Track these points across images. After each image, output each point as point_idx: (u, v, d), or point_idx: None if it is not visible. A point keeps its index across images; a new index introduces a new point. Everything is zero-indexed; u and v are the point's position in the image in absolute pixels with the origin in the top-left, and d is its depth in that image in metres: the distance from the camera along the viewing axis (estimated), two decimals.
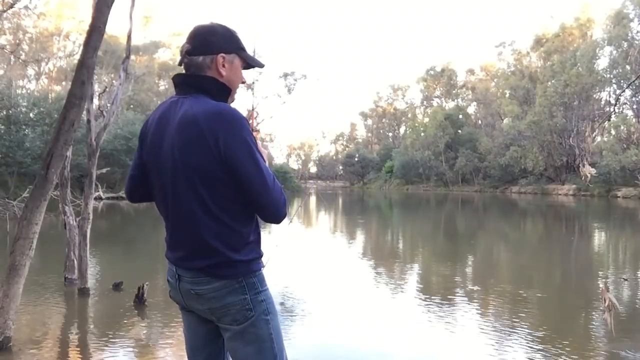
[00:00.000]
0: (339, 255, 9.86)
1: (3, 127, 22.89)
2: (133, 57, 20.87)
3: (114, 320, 4.81)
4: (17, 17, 24.31)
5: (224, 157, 1.45)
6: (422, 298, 6.11)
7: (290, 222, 13.17)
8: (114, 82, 8.20)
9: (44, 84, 42.42)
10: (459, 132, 59.34)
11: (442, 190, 54.35)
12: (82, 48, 4.12)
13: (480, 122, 64.31)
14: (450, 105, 68.60)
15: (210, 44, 1.57)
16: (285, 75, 45.03)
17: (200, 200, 1.49)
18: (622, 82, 41.34)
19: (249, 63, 1.66)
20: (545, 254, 10.65)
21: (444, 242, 13.11)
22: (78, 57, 4.26)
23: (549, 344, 4.28)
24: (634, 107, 40.92)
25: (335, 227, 17.54)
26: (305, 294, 6.11)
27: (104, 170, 10.17)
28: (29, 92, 32.24)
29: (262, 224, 1.61)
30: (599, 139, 44.03)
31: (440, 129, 57.36)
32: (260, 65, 1.69)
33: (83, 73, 3.98)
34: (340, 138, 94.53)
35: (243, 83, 1.68)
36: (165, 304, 5.14)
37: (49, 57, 41.94)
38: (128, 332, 4.52)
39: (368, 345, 4.27)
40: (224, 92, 1.59)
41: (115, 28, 33.72)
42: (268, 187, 1.50)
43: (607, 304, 2.50)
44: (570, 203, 31.95)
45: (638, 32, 41.42)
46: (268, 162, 1.65)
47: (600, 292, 2.57)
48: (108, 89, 8.92)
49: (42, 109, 24.53)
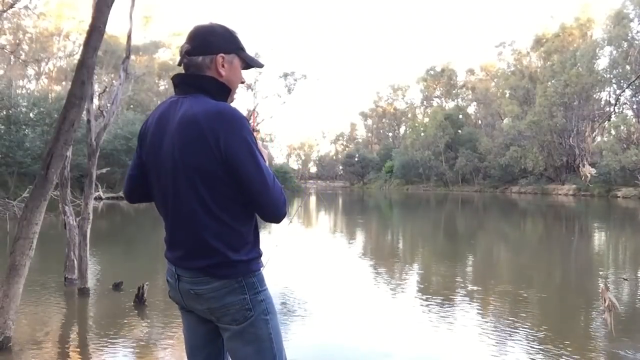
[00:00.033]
0: (339, 255, 9.85)
1: (3, 127, 22.89)
2: (133, 57, 20.87)
3: (114, 320, 4.81)
4: (17, 17, 24.32)
5: (225, 156, 1.45)
6: (422, 298, 6.11)
7: (290, 222, 13.16)
8: (114, 82, 8.20)
9: (44, 84, 42.43)
10: (459, 132, 59.35)
11: (442, 190, 54.35)
12: (82, 48, 4.12)
13: (480, 122, 64.32)
14: (450, 105, 68.61)
15: (210, 44, 1.57)
16: (285, 75, 45.08)
17: (201, 200, 1.49)
18: (622, 82, 41.33)
19: (249, 63, 1.66)
20: (545, 254, 10.65)
21: (444, 242, 13.11)
22: (78, 57, 4.26)
23: (549, 344, 4.28)
24: (634, 107, 40.91)
25: (335, 227, 17.54)
26: (305, 294, 6.11)
27: (104, 170, 10.18)
28: (29, 92, 32.28)
29: (262, 224, 1.61)
30: (599, 139, 44.07)
31: (440, 129, 57.38)
32: (260, 65, 1.69)
33: (83, 73, 3.99)
34: (340, 138, 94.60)
35: (242, 83, 1.68)
36: (165, 304, 5.14)
37: (49, 57, 41.96)
38: (128, 332, 4.52)
39: (368, 345, 4.27)
40: (224, 91, 1.59)
41: (115, 28, 33.81)
42: (268, 186, 1.50)
43: (607, 304, 2.50)
44: (570, 203, 31.95)
45: (638, 32, 41.47)
46: (268, 162, 1.65)
47: (600, 292, 2.57)
48: (108, 89, 8.92)
49: (42, 109, 24.53)
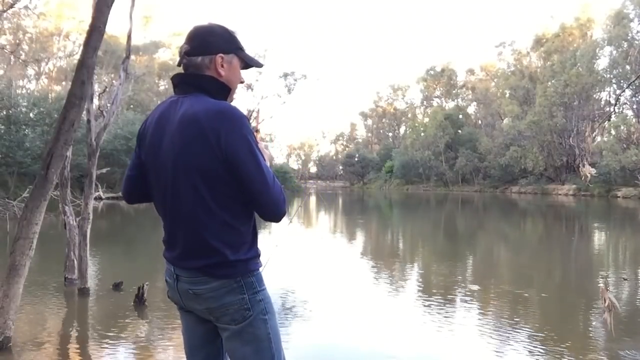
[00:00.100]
0: (339, 255, 9.85)
1: (3, 127, 22.87)
2: (133, 57, 20.86)
3: (114, 320, 4.81)
4: (17, 17, 24.31)
5: (225, 155, 1.45)
6: (422, 298, 6.11)
7: (290, 222, 13.16)
8: (114, 82, 8.20)
9: (44, 84, 42.43)
10: (459, 132, 59.36)
11: (442, 190, 54.35)
12: (82, 48, 4.12)
13: (480, 122, 64.32)
14: (450, 105, 68.61)
15: (209, 45, 1.57)
16: (285, 75, 45.04)
17: (201, 199, 1.49)
18: (622, 82, 41.34)
19: (248, 63, 1.66)
20: (545, 254, 10.65)
21: (444, 242, 13.11)
22: (78, 57, 4.26)
23: (549, 344, 4.28)
24: (634, 107, 40.90)
25: (335, 227, 17.53)
26: (305, 294, 6.11)
27: (104, 170, 10.16)
28: (29, 92, 32.26)
29: (262, 224, 1.61)
30: (599, 139, 44.08)
31: (440, 129, 57.38)
32: (259, 65, 1.69)
33: (83, 73, 3.99)
34: (340, 138, 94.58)
35: (242, 83, 1.68)
36: (165, 304, 5.14)
37: (49, 57, 41.96)
38: (128, 332, 4.51)
39: (368, 345, 4.27)
40: (224, 91, 1.59)
41: (115, 28, 33.77)
42: (268, 185, 1.50)
43: (607, 304, 2.50)
44: (570, 203, 31.95)
45: (638, 32, 41.48)
46: (269, 162, 1.65)
47: (600, 292, 2.57)
48: (108, 89, 8.93)
49: (42, 109, 24.52)
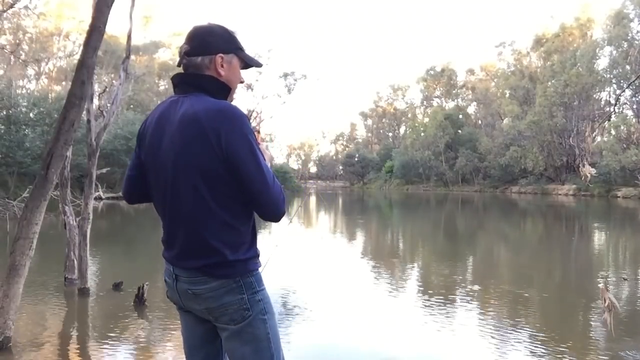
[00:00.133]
0: (339, 255, 9.85)
1: (3, 127, 22.87)
2: (133, 57, 20.86)
3: (114, 320, 4.81)
4: (17, 17, 24.31)
5: (226, 154, 1.45)
6: (422, 298, 6.11)
7: (290, 222, 13.16)
8: (114, 82, 8.21)
9: (44, 84, 42.42)
10: (459, 132, 59.35)
11: (442, 190, 54.35)
12: (82, 48, 4.13)
13: (480, 122, 64.31)
14: (450, 105, 68.61)
15: (209, 45, 1.57)
16: (285, 75, 45.04)
17: (202, 199, 1.48)
18: (622, 82, 41.33)
19: (247, 63, 1.66)
20: (545, 254, 10.65)
21: (444, 242, 13.11)
22: (78, 57, 4.26)
23: (549, 344, 4.28)
24: (634, 107, 40.90)
25: (335, 227, 17.53)
26: (305, 294, 6.11)
27: (104, 170, 10.16)
28: (29, 92, 32.26)
29: (262, 224, 1.62)
30: (599, 139, 44.08)
31: (440, 129, 57.37)
32: (259, 65, 1.69)
33: (83, 73, 3.99)
34: (340, 138, 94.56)
35: (242, 83, 1.68)
36: (165, 304, 5.13)
37: (49, 57, 41.96)
38: (128, 332, 4.51)
39: (368, 345, 4.27)
40: (224, 90, 1.59)
41: (115, 28, 33.75)
42: (268, 185, 1.50)
43: (607, 304, 2.50)
44: (570, 203, 31.95)
45: (638, 32, 41.48)
46: (269, 162, 1.65)
47: (600, 292, 2.57)
48: (108, 89, 8.93)
49: (42, 109, 24.52)
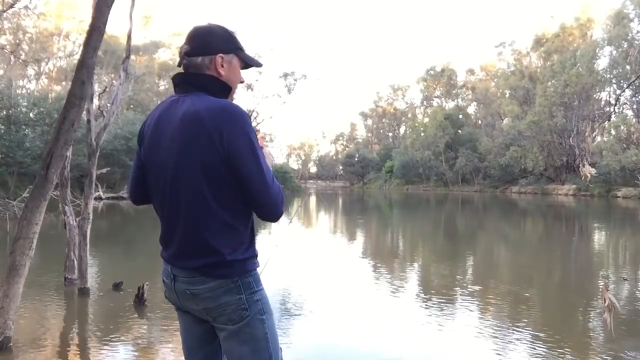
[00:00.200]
0: (339, 255, 9.85)
1: (3, 127, 22.88)
2: (133, 57, 20.87)
3: (114, 320, 4.81)
4: (17, 17, 24.30)
5: (227, 153, 1.45)
6: (422, 298, 6.11)
7: (290, 222, 13.16)
8: (114, 82, 8.21)
9: (44, 84, 42.43)
10: (459, 132, 59.35)
11: (442, 190, 54.35)
12: (82, 48, 4.13)
13: (480, 122, 64.32)
14: (450, 105, 68.61)
15: (209, 45, 1.58)
16: (285, 75, 45.08)
17: (203, 199, 1.48)
18: (622, 82, 41.34)
19: (247, 63, 1.66)
20: (545, 254, 10.65)
21: (444, 242, 13.11)
22: (78, 57, 4.26)
23: (549, 344, 4.28)
24: (634, 107, 40.91)
25: (335, 227, 17.53)
26: (305, 294, 6.11)
27: (104, 170, 10.17)
28: (29, 92, 32.25)
29: (262, 224, 1.62)
30: (599, 139, 44.09)
31: (440, 129, 57.37)
32: (259, 65, 1.69)
33: (83, 73, 3.99)
34: (340, 138, 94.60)
35: (242, 83, 1.69)
36: (165, 304, 5.13)
37: (49, 57, 41.95)
38: (128, 332, 4.51)
39: (368, 345, 4.27)
40: (225, 90, 1.59)
41: (115, 28, 33.78)
42: (268, 184, 1.50)
43: (607, 304, 2.50)
44: (570, 203, 31.94)
45: (638, 32, 41.48)
46: (270, 163, 1.65)
47: (600, 292, 2.57)
48: (108, 89, 8.93)
49: (42, 109, 24.52)
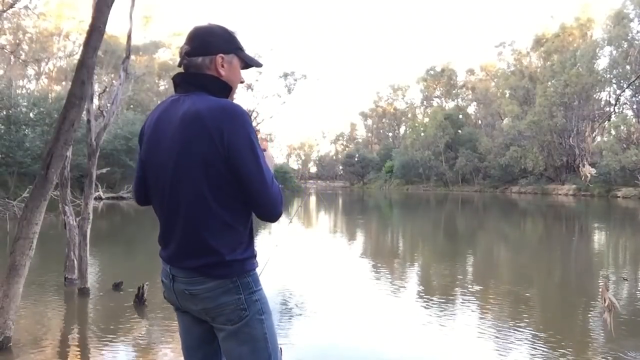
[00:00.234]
0: (339, 255, 9.85)
1: (3, 127, 22.86)
2: (133, 57, 20.86)
3: (114, 320, 4.81)
4: (17, 17, 24.29)
5: (228, 152, 1.44)
6: (422, 298, 6.11)
7: (290, 222, 13.16)
8: (114, 82, 8.21)
9: (44, 84, 42.41)
10: (459, 132, 59.35)
11: (442, 190, 54.34)
12: (82, 48, 4.13)
13: (480, 122, 64.31)
14: (450, 105, 68.60)
15: (209, 45, 1.58)
16: (285, 75, 45.10)
17: (203, 199, 1.48)
18: (622, 82, 41.34)
19: (248, 63, 1.66)
20: (546, 254, 10.65)
21: (444, 242, 13.11)
22: (78, 57, 4.26)
23: (549, 344, 4.28)
24: (634, 107, 40.91)
25: (335, 227, 17.53)
26: (306, 294, 6.11)
27: (104, 170, 10.18)
28: (29, 92, 32.23)
29: (262, 224, 1.62)
30: (599, 139, 44.09)
31: (440, 129, 57.37)
32: (259, 65, 1.69)
33: (83, 73, 3.99)
34: (340, 138, 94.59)
35: (242, 83, 1.69)
36: (165, 304, 5.12)
37: (49, 57, 41.93)
38: (128, 332, 4.51)
39: (368, 345, 4.27)
40: (225, 90, 1.59)
41: (115, 28, 33.79)
42: (267, 185, 1.50)
43: (607, 304, 2.50)
44: (570, 203, 31.94)
45: (638, 32, 41.48)
46: (272, 168, 1.65)
47: (600, 291, 2.57)
48: (108, 89, 8.94)
49: (42, 109, 24.51)
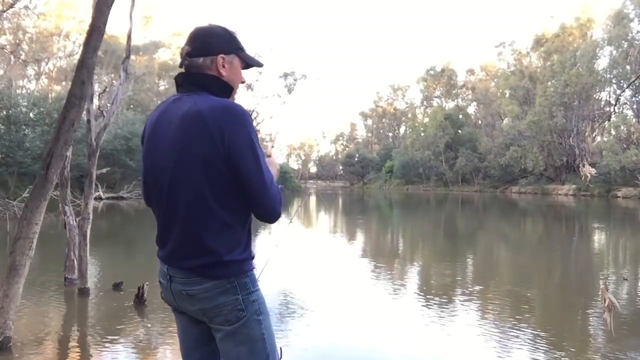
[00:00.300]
0: (339, 255, 9.85)
1: (3, 127, 22.85)
2: (133, 57, 20.87)
3: (114, 320, 4.81)
4: (17, 17, 24.29)
5: (228, 152, 1.45)
6: (422, 298, 6.11)
7: (290, 222, 13.15)
8: (114, 82, 8.21)
9: (44, 84, 42.38)
10: (459, 132, 59.33)
11: (442, 190, 54.34)
12: (82, 48, 4.13)
13: (480, 122, 64.29)
14: (450, 105, 68.57)
15: (210, 45, 1.58)
16: (285, 75, 45.05)
17: (203, 199, 1.48)
18: (622, 82, 41.33)
19: (248, 63, 1.67)
20: (546, 254, 10.65)
21: (444, 241, 13.11)
22: (78, 57, 4.26)
23: (549, 344, 4.28)
24: (634, 107, 40.91)
25: (335, 227, 17.53)
26: (306, 294, 6.11)
27: (104, 170, 10.17)
28: (29, 92, 32.20)
29: (262, 224, 1.61)
30: (599, 139, 44.09)
31: (440, 129, 57.36)
32: (259, 65, 1.70)
33: (83, 73, 3.99)
34: (340, 138, 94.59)
35: (243, 83, 1.69)
36: (166, 304, 5.12)
37: (49, 57, 41.91)
38: (128, 332, 4.51)
39: (368, 345, 4.27)
40: (227, 90, 1.60)
41: (115, 28, 33.66)
42: (266, 185, 1.50)
43: (607, 304, 2.50)
44: (570, 203, 31.94)
45: (638, 32, 41.46)
46: (276, 176, 1.65)
47: (600, 291, 2.57)
48: (108, 89, 8.94)
49: (42, 109, 24.50)
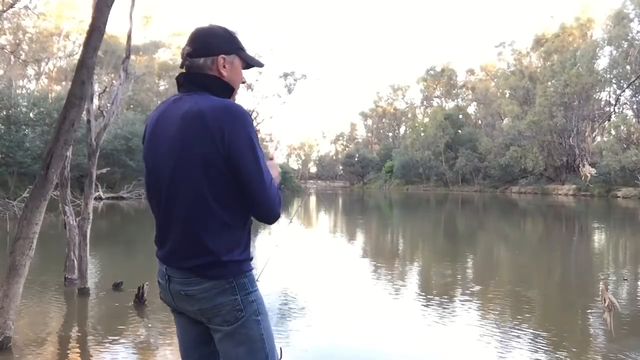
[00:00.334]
0: (339, 255, 9.85)
1: (3, 127, 22.85)
2: (133, 57, 20.86)
3: (114, 320, 4.81)
4: (17, 17, 24.29)
5: (228, 152, 1.45)
6: (422, 298, 6.11)
7: (290, 222, 13.16)
8: (114, 82, 8.22)
9: (44, 84, 42.37)
10: (459, 132, 59.34)
11: (442, 190, 54.34)
12: (82, 48, 4.13)
13: (480, 122, 64.30)
14: (450, 105, 68.57)
15: (211, 46, 1.58)
16: (285, 75, 45.05)
17: (203, 199, 1.48)
18: (622, 82, 41.34)
19: (249, 63, 1.67)
20: (546, 254, 10.65)
21: (444, 242, 13.11)
22: (78, 57, 4.26)
23: (549, 344, 4.28)
24: (634, 107, 40.91)
25: (335, 227, 17.53)
26: (305, 294, 6.11)
27: (104, 170, 10.17)
28: (29, 92, 32.18)
29: (262, 224, 1.61)
30: (599, 139, 44.09)
31: (440, 129, 57.36)
32: (260, 65, 1.70)
33: (83, 73, 3.99)
34: (340, 138, 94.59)
35: (243, 83, 1.69)
36: (165, 304, 5.13)
37: (49, 57, 41.89)
38: (128, 332, 4.52)
39: (368, 345, 4.27)
40: (227, 90, 1.60)
41: (115, 28, 33.62)
42: (266, 185, 1.50)
43: (607, 304, 2.50)
44: (570, 203, 31.94)
45: (638, 32, 41.46)
46: (277, 180, 1.65)
47: (600, 291, 2.57)
48: (108, 89, 8.94)
49: (42, 109, 24.49)
